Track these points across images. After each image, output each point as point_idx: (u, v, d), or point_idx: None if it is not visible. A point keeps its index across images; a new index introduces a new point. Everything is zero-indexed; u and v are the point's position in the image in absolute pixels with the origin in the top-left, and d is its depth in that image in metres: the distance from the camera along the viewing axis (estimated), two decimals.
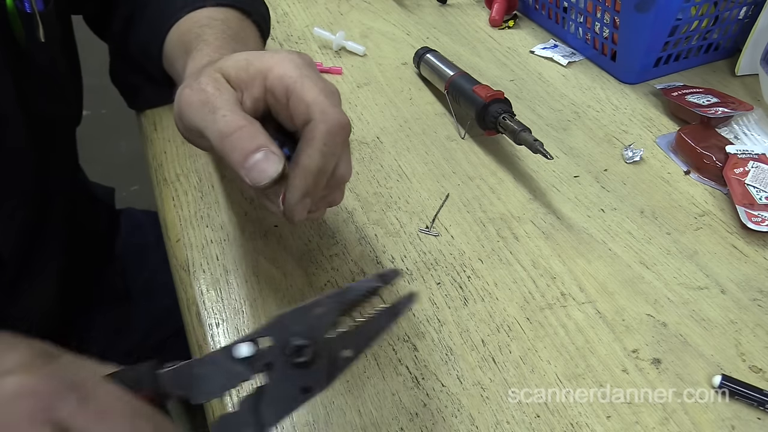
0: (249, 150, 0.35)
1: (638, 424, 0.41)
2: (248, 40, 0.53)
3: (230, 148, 0.35)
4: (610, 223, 0.55)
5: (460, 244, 0.53)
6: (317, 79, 0.38)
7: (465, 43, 0.81)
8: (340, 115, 0.37)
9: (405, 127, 0.66)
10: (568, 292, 0.49)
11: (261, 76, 0.38)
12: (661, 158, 0.63)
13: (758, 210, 0.54)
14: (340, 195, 0.42)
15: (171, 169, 0.61)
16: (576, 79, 0.75)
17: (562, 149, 0.63)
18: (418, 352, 0.45)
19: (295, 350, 0.31)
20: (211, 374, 0.30)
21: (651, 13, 0.67)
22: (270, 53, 0.39)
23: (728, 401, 0.42)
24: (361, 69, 0.76)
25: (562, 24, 0.81)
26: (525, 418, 0.41)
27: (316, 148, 0.36)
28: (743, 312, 0.48)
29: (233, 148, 0.35)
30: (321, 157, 0.36)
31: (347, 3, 0.90)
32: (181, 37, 0.52)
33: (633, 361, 0.44)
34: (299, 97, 0.37)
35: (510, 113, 0.60)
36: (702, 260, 0.52)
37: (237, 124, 0.35)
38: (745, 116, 0.66)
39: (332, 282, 0.50)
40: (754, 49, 0.72)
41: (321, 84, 0.38)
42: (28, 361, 0.25)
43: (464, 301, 0.49)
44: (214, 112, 0.36)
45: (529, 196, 0.58)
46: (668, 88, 0.69)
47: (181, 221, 0.55)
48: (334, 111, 0.37)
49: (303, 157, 0.36)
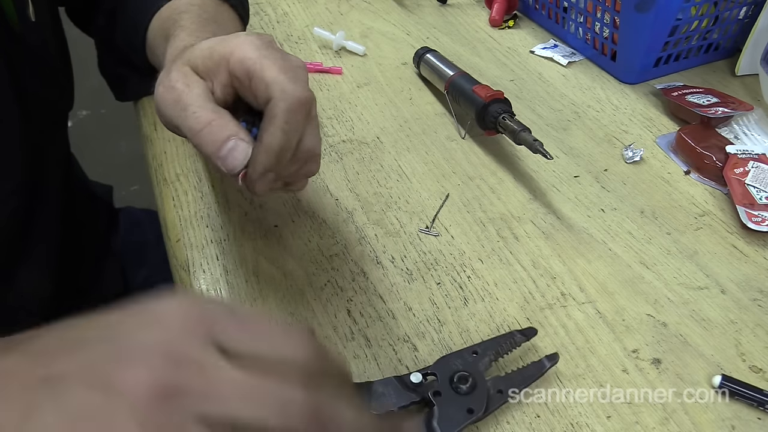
0: (219, 141, 0.37)
1: (638, 424, 0.41)
2: (225, 22, 0.53)
3: (203, 142, 0.37)
4: (610, 223, 0.55)
5: (460, 244, 0.53)
6: (277, 58, 0.38)
7: (465, 43, 0.81)
8: (301, 91, 0.38)
9: (405, 127, 0.66)
10: (568, 292, 0.49)
11: (224, 61, 0.39)
12: (661, 158, 0.63)
13: (758, 210, 0.54)
14: (316, 166, 0.43)
15: (171, 169, 0.61)
16: (576, 79, 0.75)
17: (562, 149, 0.63)
18: (418, 352, 0.45)
19: (460, 379, 0.40)
20: (390, 393, 0.39)
21: (651, 13, 0.67)
22: (232, 37, 0.40)
23: (728, 401, 0.42)
24: (361, 69, 0.76)
25: (562, 24, 0.81)
26: (525, 418, 0.41)
27: (277, 126, 0.37)
28: (743, 312, 0.48)
29: (205, 142, 0.37)
30: (282, 135, 0.37)
31: (347, 3, 0.90)
32: (161, 24, 0.53)
33: (633, 361, 0.44)
34: (259, 77, 0.38)
35: (510, 113, 0.60)
36: (702, 260, 0.52)
37: (206, 119, 0.37)
38: (745, 116, 0.66)
39: (332, 282, 0.50)
40: (754, 49, 0.72)
41: (281, 62, 0.38)
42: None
43: (464, 301, 0.49)
44: (185, 110, 0.38)
45: (529, 196, 0.58)
46: (668, 88, 0.69)
47: (181, 221, 0.55)
48: (294, 88, 0.37)
49: (265, 135, 0.37)
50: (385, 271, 0.51)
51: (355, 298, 0.49)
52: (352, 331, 0.46)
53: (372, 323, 0.47)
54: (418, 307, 0.48)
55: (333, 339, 0.46)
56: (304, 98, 0.38)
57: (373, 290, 0.49)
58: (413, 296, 0.49)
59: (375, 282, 0.50)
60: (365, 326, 0.47)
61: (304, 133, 0.39)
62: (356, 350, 0.45)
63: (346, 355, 0.45)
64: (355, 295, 0.49)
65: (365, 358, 0.44)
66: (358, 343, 0.45)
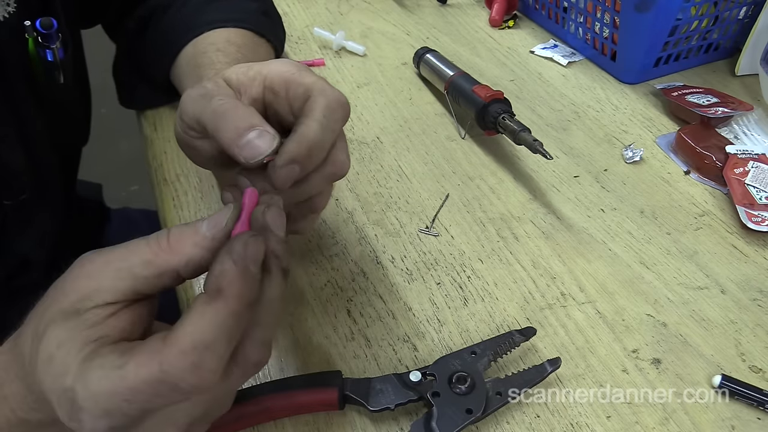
0: (242, 128, 0.35)
1: (638, 424, 0.41)
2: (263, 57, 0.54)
3: (224, 126, 0.35)
4: (610, 223, 0.55)
5: (460, 244, 0.53)
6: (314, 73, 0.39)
7: (465, 43, 0.81)
8: (340, 94, 0.37)
9: (405, 127, 0.66)
10: (568, 292, 0.49)
11: (260, 76, 0.38)
12: (661, 158, 0.63)
13: (758, 210, 0.54)
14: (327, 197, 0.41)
15: (171, 169, 0.61)
16: (576, 79, 0.75)
17: (562, 149, 0.63)
18: (418, 352, 0.45)
19: (459, 379, 0.40)
20: (388, 390, 0.40)
21: (651, 13, 0.67)
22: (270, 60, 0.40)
23: (728, 401, 0.42)
24: (361, 69, 0.76)
25: (562, 24, 0.81)
26: (525, 418, 0.41)
27: (315, 119, 0.36)
28: (743, 312, 0.48)
29: (226, 127, 0.35)
30: (318, 127, 0.36)
31: (347, 3, 0.90)
32: (195, 57, 0.53)
33: (633, 361, 0.44)
34: (298, 83, 0.37)
35: (510, 113, 0.60)
36: (702, 260, 0.52)
37: (232, 104, 0.36)
38: (745, 116, 0.66)
39: (332, 282, 0.50)
40: (754, 49, 0.72)
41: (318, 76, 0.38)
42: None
43: (464, 301, 0.49)
44: (210, 100, 0.36)
45: (529, 196, 0.58)
46: (668, 88, 0.69)
47: (181, 221, 0.55)
48: (334, 90, 0.37)
49: (300, 127, 0.36)
50: (385, 271, 0.51)
51: (355, 298, 0.49)
52: (352, 331, 0.46)
53: (372, 323, 0.47)
54: (418, 307, 0.48)
55: (333, 339, 0.46)
56: (344, 100, 0.37)
57: (373, 290, 0.49)
58: (413, 296, 0.49)
59: (375, 282, 0.50)
60: (365, 326, 0.47)
61: (338, 145, 0.38)
62: (356, 350, 0.45)
63: (346, 355, 0.45)
64: (355, 295, 0.49)
65: (365, 358, 0.44)
66: (358, 343, 0.45)
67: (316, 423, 0.41)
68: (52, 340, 0.28)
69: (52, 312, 0.29)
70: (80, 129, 0.68)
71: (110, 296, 0.29)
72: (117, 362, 0.27)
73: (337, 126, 0.37)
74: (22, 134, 0.54)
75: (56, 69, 0.54)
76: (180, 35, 0.55)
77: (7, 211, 0.55)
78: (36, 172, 0.56)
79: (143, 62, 0.62)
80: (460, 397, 0.39)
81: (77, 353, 0.27)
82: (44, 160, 0.58)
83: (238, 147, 0.34)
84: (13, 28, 0.50)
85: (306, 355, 0.45)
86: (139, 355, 0.27)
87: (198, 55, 0.52)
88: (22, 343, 0.30)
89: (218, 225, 0.31)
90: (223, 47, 0.52)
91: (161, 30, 0.59)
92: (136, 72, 0.64)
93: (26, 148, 0.54)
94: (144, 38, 0.61)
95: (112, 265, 0.30)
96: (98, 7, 0.65)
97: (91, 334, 0.28)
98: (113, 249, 0.30)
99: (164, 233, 0.31)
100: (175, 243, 0.30)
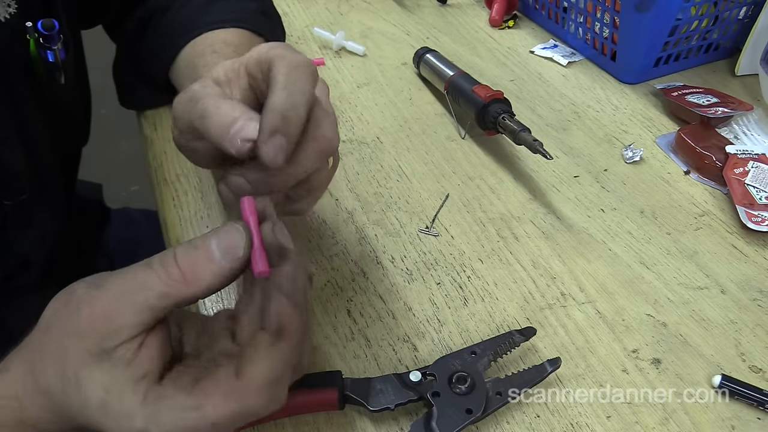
0: (226, 123, 0.35)
1: (638, 424, 0.41)
2: None
3: (211, 126, 0.36)
4: (610, 223, 0.55)
5: (460, 244, 0.53)
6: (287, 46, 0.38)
7: (465, 43, 0.81)
8: (300, 55, 0.37)
9: (405, 127, 0.67)
10: (568, 292, 0.49)
11: (242, 67, 0.39)
12: (661, 158, 0.63)
13: (758, 210, 0.54)
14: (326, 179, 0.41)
15: (171, 169, 0.61)
16: (576, 79, 0.75)
17: (562, 149, 0.63)
18: (418, 352, 0.45)
19: (458, 379, 0.40)
20: (388, 390, 0.40)
21: (651, 13, 0.67)
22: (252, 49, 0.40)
23: (728, 401, 0.42)
24: (361, 69, 0.76)
25: (562, 24, 0.81)
26: (525, 418, 0.41)
27: (279, 86, 0.35)
28: (743, 312, 0.48)
29: (213, 126, 0.36)
30: (284, 93, 0.35)
31: (347, 3, 0.90)
32: (192, 59, 0.53)
33: (633, 361, 0.45)
34: (264, 59, 0.37)
35: (510, 113, 0.60)
36: (702, 260, 0.52)
37: (214, 104, 0.36)
38: (745, 116, 0.66)
39: (332, 282, 0.50)
40: (754, 49, 0.72)
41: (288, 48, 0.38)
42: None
43: (464, 301, 0.49)
44: (197, 103, 0.37)
45: (529, 196, 0.58)
46: (668, 88, 0.69)
47: (181, 221, 0.55)
48: (294, 54, 0.37)
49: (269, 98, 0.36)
50: (385, 271, 0.51)
51: (355, 298, 0.49)
52: (352, 331, 0.46)
53: (372, 323, 0.47)
54: (418, 307, 0.48)
55: (333, 339, 0.46)
56: (305, 60, 0.37)
57: (373, 290, 0.49)
58: (413, 296, 0.49)
59: (375, 282, 0.50)
60: (365, 326, 0.47)
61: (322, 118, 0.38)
62: (356, 350, 0.45)
63: (346, 355, 0.45)
64: (355, 295, 0.49)
65: (365, 358, 0.45)
66: (358, 343, 0.45)
67: (316, 423, 0.41)
68: (97, 386, 0.30)
69: (76, 354, 0.30)
70: (80, 129, 0.68)
71: (134, 330, 0.30)
72: (191, 403, 0.29)
73: (304, 87, 0.36)
74: (23, 135, 0.54)
75: (57, 70, 0.54)
76: (178, 37, 0.56)
77: (7, 211, 0.55)
78: (36, 173, 0.56)
79: (143, 63, 0.62)
80: (460, 397, 0.39)
81: (133, 396, 0.29)
82: (44, 160, 0.58)
83: (227, 142, 0.35)
84: (15, 29, 0.50)
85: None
86: (214, 396, 0.29)
87: (195, 57, 0.53)
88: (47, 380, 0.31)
89: (235, 254, 0.32)
90: (220, 48, 0.52)
91: (160, 31, 0.59)
92: (136, 73, 0.64)
93: (27, 148, 0.54)
94: (143, 39, 0.61)
95: (126, 299, 0.30)
96: (98, 8, 0.65)
97: (134, 373, 0.30)
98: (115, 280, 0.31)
99: (171, 260, 0.31)
100: (189, 273, 0.31)
